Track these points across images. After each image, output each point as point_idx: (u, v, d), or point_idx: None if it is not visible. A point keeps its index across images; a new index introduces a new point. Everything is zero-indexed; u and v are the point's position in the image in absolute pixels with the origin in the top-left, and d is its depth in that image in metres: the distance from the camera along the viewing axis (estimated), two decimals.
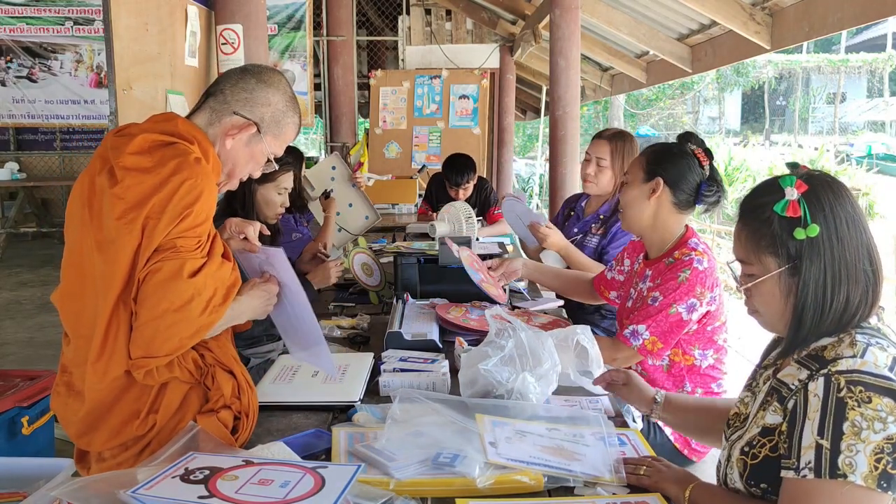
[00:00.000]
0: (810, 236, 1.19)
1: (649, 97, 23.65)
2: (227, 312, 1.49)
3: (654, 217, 2.09)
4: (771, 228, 1.23)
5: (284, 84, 1.62)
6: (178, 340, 1.41)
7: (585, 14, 5.44)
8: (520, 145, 20.73)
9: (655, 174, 2.06)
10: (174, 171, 1.41)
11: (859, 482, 1.06)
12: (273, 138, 1.60)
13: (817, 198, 1.20)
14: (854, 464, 1.07)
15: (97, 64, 8.09)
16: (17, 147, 9.78)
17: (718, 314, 2.06)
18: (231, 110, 1.56)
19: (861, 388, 1.09)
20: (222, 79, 1.60)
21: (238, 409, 1.54)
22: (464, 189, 4.56)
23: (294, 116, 1.63)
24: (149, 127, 1.52)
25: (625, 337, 2.03)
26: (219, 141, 1.56)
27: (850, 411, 1.08)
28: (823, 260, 1.19)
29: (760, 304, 1.29)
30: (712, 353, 2.09)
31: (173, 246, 1.40)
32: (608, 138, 2.92)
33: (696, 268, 1.99)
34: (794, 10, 4.15)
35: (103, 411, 1.48)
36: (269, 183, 2.65)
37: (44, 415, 2.85)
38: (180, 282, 1.39)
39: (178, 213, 1.39)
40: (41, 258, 8.69)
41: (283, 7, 6.97)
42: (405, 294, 2.49)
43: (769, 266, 1.24)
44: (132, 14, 3.49)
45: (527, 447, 1.44)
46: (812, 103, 26.85)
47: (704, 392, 2.13)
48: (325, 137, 8.45)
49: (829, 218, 1.20)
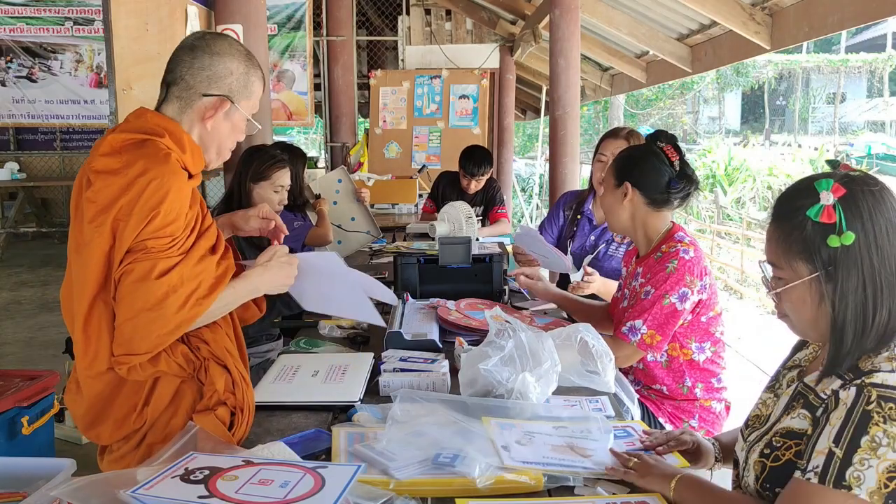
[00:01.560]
0: (845, 244, 1.12)
1: (649, 97, 23.64)
2: (230, 294, 1.52)
3: (633, 218, 2.16)
4: (803, 234, 1.16)
5: (235, 45, 1.61)
6: (157, 338, 1.43)
7: (585, 14, 5.43)
8: (520, 145, 20.73)
9: (623, 179, 2.13)
10: (141, 172, 1.42)
11: (863, 496, 1.03)
12: (246, 101, 1.61)
13: (855, 203, 1.13)
14: (862, 478, 1.04)
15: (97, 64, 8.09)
16: (17, 147, 9.79)
17: (711, 303, 2.09)
18: (199, 93, 1.55)
19: (892, 405, 1.05)
20: (175, 65, 1.57)
21: (233, 404, 1.54)
22: (477, 181, 4.57)
23: (256, 71, 1.62)
24: (122, 127, 1.54)
25: (623, 334, 2.05)
26: (197, 126, 1.57)
27: (872, 426, 1.05)
28: (862, 271, 1.13)
29: (790, 309, 1.23)
30: (710, 345, 2.12)
31: (144, 248, 1.42)
32: (626, 137, 2.83)
33: (683, 257, 2.04)
34: (794, 10, 4.15)
35: (104, 405, 1.52)
36: (264, 181, 2.65)
37: (44, 415, 2.85)
38: (149, 283, 1.40)
39: (145, 214, 1.41)
40: (41, 258, 8.69)
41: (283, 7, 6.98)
42: (405, 294, 2.49)
43: (800, 272, 1.18)
44: (132, 14, 3.49)
45: (539, 448, 1.45)
46: (812, 103, 26.83)
47: (705, 387, 2.13)
48: (325, 137, 8.45)
49: (868, 225, 1.12)
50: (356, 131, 8.22)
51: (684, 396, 2.13)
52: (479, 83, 7.27)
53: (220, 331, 1.61)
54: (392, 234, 4.34)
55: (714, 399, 2.15)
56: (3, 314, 6.33)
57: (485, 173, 4.57)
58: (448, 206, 3.80)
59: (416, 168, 6.35)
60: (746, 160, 16.59)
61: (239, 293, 1.57)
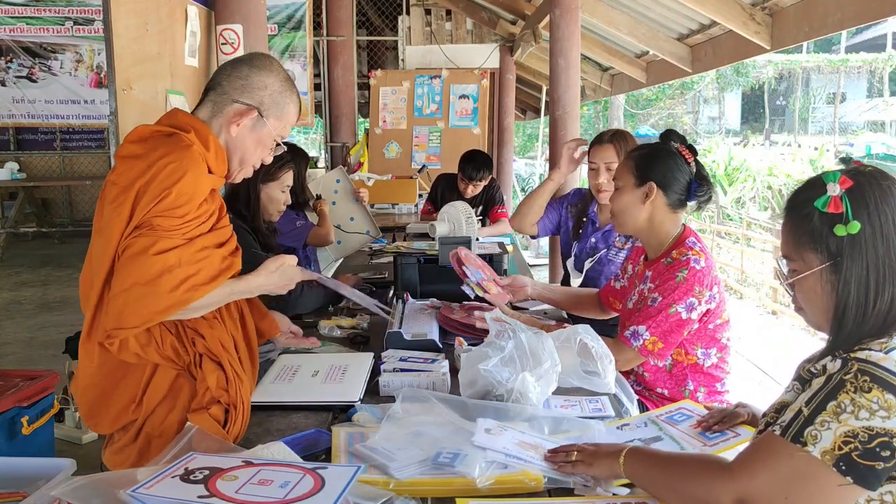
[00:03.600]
0: (851, 233, 1.16)
1: (649, 97, 23.64)
2: (225, 289, 1.55)
3: (650, 220, 2.10)
4: (811, 224, 1.20)
5: (277, 66, 1.66)
6: (148, 314, 1.45)
7: (585, 14, 5.43)
8: (520, 145, 20.73)
9: (647, 178, 2.07)
10: (161, 156, 1.48)
11: (815, 454, 1.08)
12: (276, 120, 1.64)
13: (862, 195, 1.17)
14: (819, 437, 1.08)
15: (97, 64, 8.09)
16: (17, 147, 9.79)
17: (720, 311, 2.06)
18: (231, 99, 1.61)
19: (867, 378, 1.09)
20: (218, 72, 1.66)
21: (227, 401, 1.56)
22: (474, 185, 4.58)
23: (293, 95, 1.67)
24: (154, 123, 1.60)
25: (626, 338, 2.03)
26: (223, 130, 1.61)
27: (842, 393, 1.09)
28: (866, 258, 1.17)
29: (804, 300, 1.27)
30: (716, 351, 2.09)
31: (150, 224, 1.46)
32: (610, 140, 2.80)
33: (694, 267, 2.00)
34: (794, 10, 4.15)
35: (99, 394, 1.57)
36: (272, 181, 2.66)
37: (44, 415, 2.84)
38: (146, 257, 1.44)
39: (158, 192, 1.45)
40: (41, 258, 8.69)
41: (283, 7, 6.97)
42: (405, 294, 2.49)
43: (810, 262, 1.22)
44: (132, 14, 3.48)
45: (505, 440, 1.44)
46: (812, 103, 26.82)
47: (708, 391, 2.12)
48: (325, 137, 8.45)
49: (874, 215, 1.16)
50: (356, 131, 8.22)
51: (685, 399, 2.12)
52: (479, 83, 7.27)
53: (218, 327, 1.62)
54: (392, 234, 4.34)
55: (716, 403, 2.14)
56: (3, 314, 6.34)
57: (483, 178, 4.58)
58: (448, 206, 3.80)
59: (416, 168, 6.35)
60: (746, 160, 16.58)
61: (234, 290, 1.60)
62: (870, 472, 1.06)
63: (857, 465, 1.06)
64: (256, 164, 1.69)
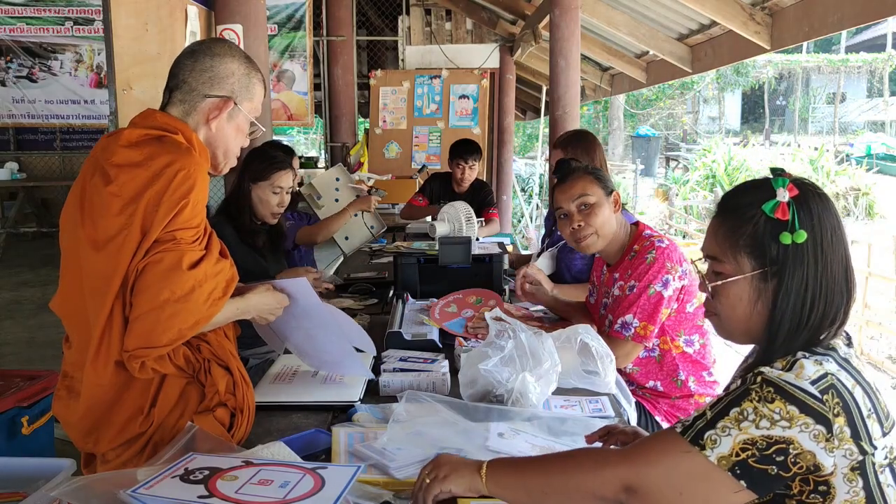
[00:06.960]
0: (797, 242, 1.13)
1: (649, 97, 23.62)
2: (231, 307, 1.52)
3: (620, 226, 2.16)
4: (755, 228, 1.16)
5: (235, 48, 1.64)
6: (178, 331, 1.42)
7: (585, 14, 5.43)
8: (520, 145, 20.71)
9: (609, 187, 2.14)
10: (167, 164, 1.43)
11: (712, 459, 1.06)
12: (248, 102, 1.62)
13: (808, 205, 1.15)
14: (718, 442, 1.07)
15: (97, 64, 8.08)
16: (17, 147, 9.77)
17: (693, 290, 2.10)
18: (201, 95, 1.57)
19: (771, 389, 1.07)
20: (177, 70, 1.60)
21: (233, 405, 1.54)
22: (470, 167, 4.56)
23: (257, 73, 1.65)
24: (133, 124, 1.55)
25: (616, 331, 2.06)
26: (202, 128, 1.58)
27: (745, 401, 1.07)
28: (806, 271, 1.14)
29: (725, 306, 1.22)
30: (698, 337, 2.14)
31: (173, 238, 1.42)
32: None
33: (659, 246, 2.07)
34: (794, 10, 4.14)
35: (104, 410, 1.49)
36: (263, 182, 2.65)
37: (44, 415, 2.84)
38: (181, 272, 1.40)
39: (174, 203, 1.41)
40: (41, 258, 8.68)
41: (283, 7, 6.97)
42: (405, 294, 2.49)
43: (744, 267, 1.18)
44: (132, 14, 3.49)
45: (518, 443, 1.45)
46: (812, 103, 26.80)
47: (697, 381, 2.16)
48: (324, 137, 8.45)
49: (818, 227, 1.14)
50: (356, 131, 8.22)
51: (679, 392, 2.14)
52: (479, 83, 7.27)
53: (220, 332, 1.61)
54: (392, 234, 4.34)
55: (707, 395, 2.16)
56: (3, 314, 6.33)
57: (476, 160, 4.59)
58: (448, 206, 3.81)
59: (416, 168, 6.34)
60: (746, 160, 16.57)
61: (236, 309, 1.57)
62: (762, 476, 1.05)
63: (751, 469, 1.05)
64: (237, 151, 1.67)
